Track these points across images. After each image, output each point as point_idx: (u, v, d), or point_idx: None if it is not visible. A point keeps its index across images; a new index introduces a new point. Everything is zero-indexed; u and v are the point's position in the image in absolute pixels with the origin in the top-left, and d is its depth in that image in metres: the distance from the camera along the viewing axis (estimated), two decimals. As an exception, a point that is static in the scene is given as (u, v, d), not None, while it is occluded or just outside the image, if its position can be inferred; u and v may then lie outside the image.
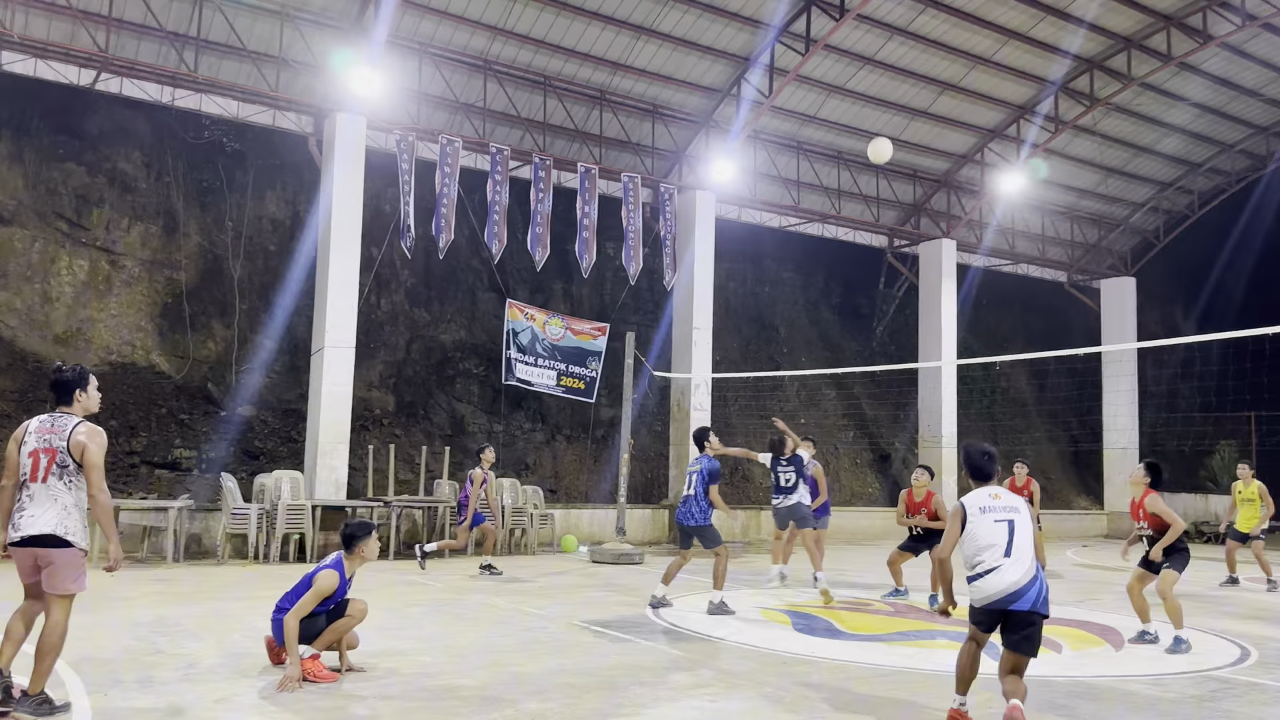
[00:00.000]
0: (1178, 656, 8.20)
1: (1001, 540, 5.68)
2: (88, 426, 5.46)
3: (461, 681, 6.54)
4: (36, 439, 5.41)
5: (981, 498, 5.88)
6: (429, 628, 8.62)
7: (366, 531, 6.78)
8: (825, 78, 19.45)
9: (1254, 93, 22.18)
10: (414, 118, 16.65)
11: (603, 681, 6.65)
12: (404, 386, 18.08)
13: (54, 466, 5.35)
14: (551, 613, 9.64)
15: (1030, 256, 25.39)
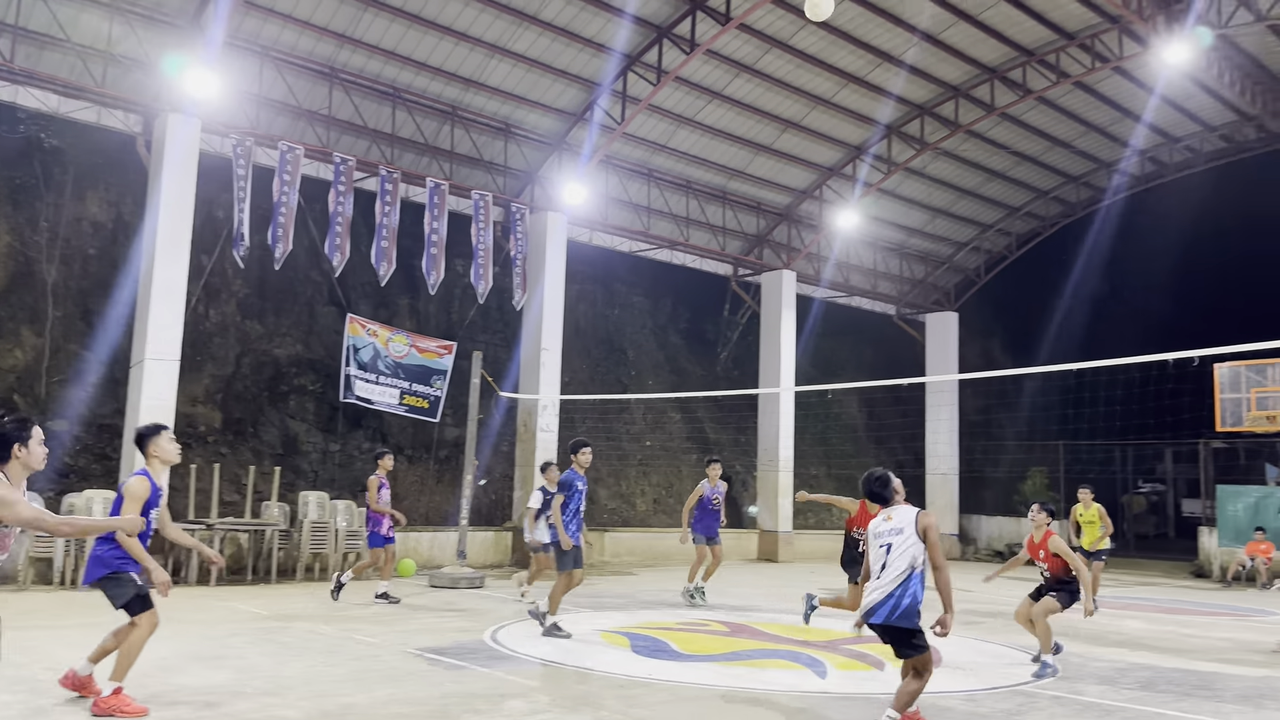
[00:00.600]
0: (990, 673, 8.68)
1: (877, 563, 6.21)
2: None
3: (285, 714, 6.25)
4: None
5: (878, 523, 6.33)
6: (251, 657, 8.20)
7: (154, 430, 6.58)
8: (676, 108, 19.87)
9: (1067, 144, 24.02)
10: (253, 122, 15.99)
11: (435, 711, 6.50)
12: (232, 402, 17.24)
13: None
14: (384, 640, 9.35)
15: (863, 290, 26.59)
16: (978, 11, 18.40)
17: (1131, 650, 10.20)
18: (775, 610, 12.75)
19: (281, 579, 14.22)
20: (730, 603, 13.42)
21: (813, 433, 26.23)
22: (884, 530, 6.25)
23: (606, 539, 20.05)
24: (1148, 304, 32.47)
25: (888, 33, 18.73)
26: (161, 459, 6.55)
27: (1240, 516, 20.61)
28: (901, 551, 6.12)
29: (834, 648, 9.73)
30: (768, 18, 17.82)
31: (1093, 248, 29.62)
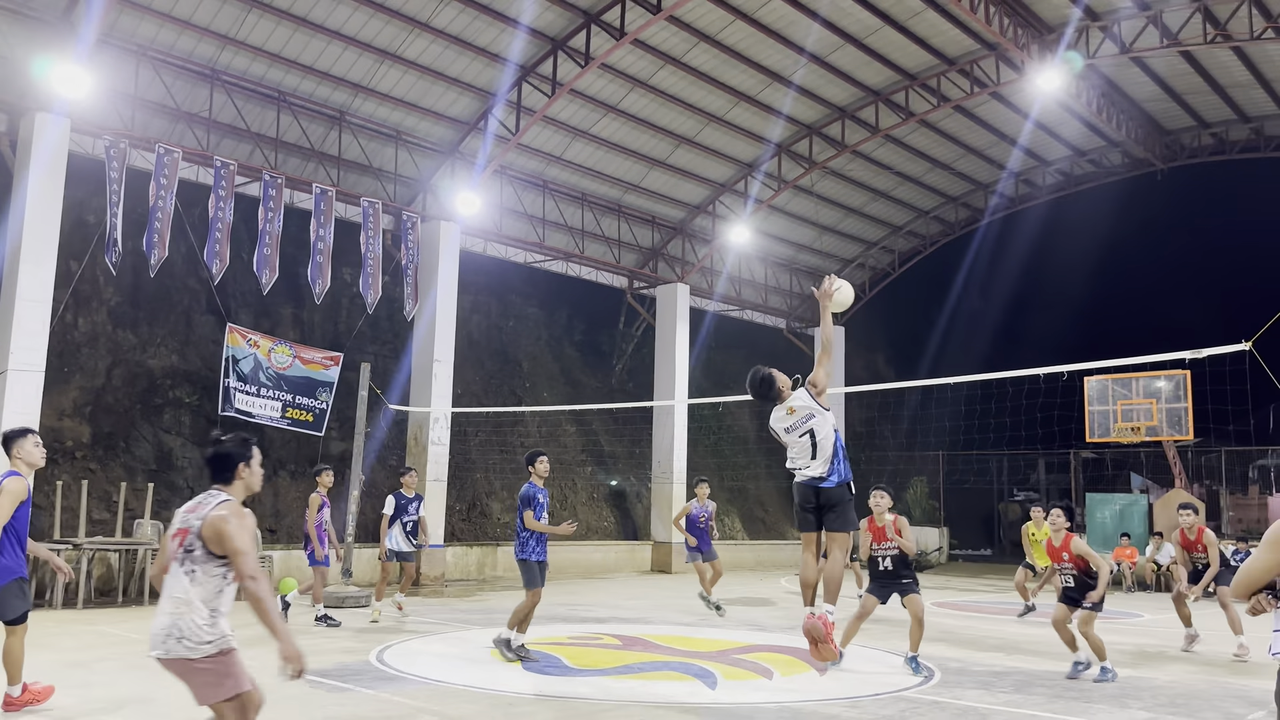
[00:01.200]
0: (874, 679, 8.89)
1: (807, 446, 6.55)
2: (231, 506, 4.40)
3: (153, 744, 5.95)
4: (180, 520, 4.44)
5: (783, 417, 6.64)
6: (122, 684, 7.79)
7: (21, 433, 6.46)
8: (571, 121, 19.87)
9: (947, 166, 24.97)
10: (128, 123, 15.30)
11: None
12: (102, 416, 16.40)
13: (180, 551, 4.35)
14: (262, 662, 8.98)
15: (755, 304, 27.06)
16: (863, 35, 18.98)
17: (1007, 654, 10.59)
18: (668, 622, 12.80)
19: (155, 600, 13.54)
20: (623, 615, 13.41)
21: (706, 444, 26.51)
22: (794, 423, 6.55)
23: (499, 553, 19.82)
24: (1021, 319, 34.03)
25: (777, 53, 19.15)
26: (27, 462, 6.50)
27: (1108, 523, 21.67)
28: (823, 434, 6.53)
29: (724, 658, 9.82)
30: (661, 34, 18.01)
31: (971, 266, 30.91)
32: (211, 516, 4.33)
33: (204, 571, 4.34)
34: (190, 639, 4.28)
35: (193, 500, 4.50)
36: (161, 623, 4.33)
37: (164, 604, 4.36)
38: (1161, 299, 34.01)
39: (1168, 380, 19.61)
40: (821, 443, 6.49)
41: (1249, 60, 20.00)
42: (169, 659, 4.31)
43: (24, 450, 6.44)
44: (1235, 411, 18.05)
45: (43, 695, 6.92)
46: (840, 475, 6.54)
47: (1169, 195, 28.85)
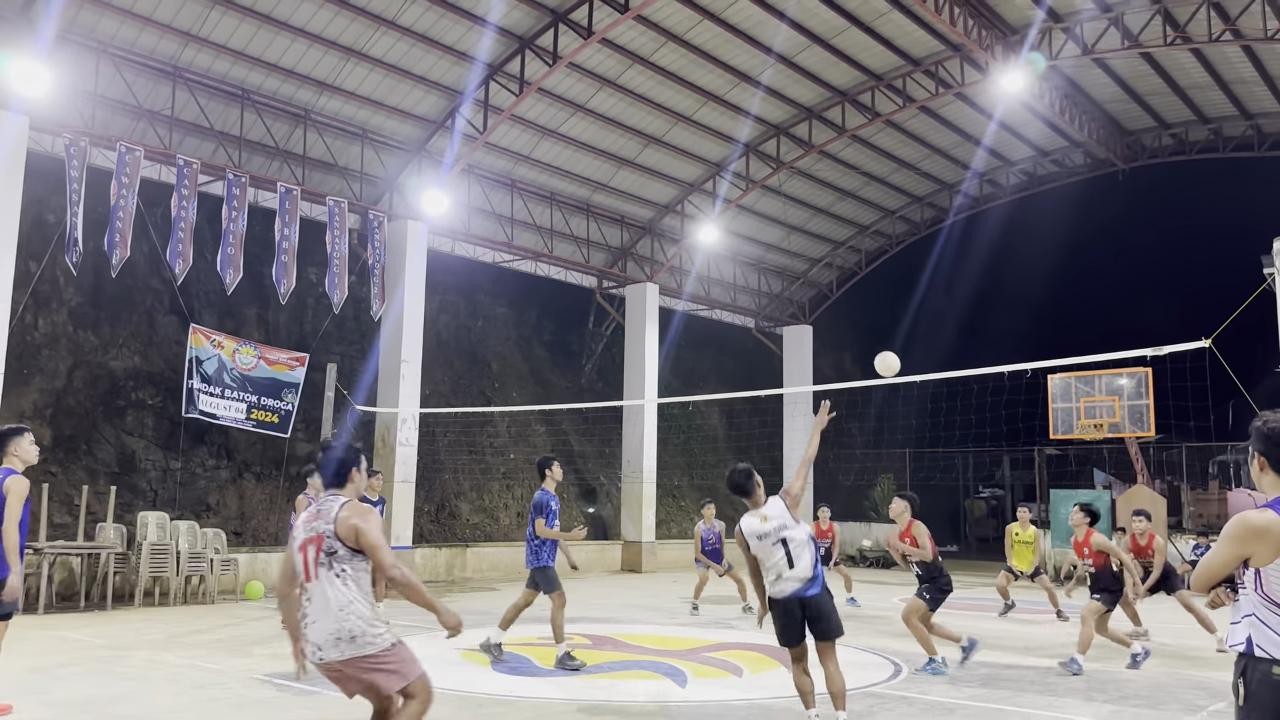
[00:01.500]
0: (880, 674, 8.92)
1: (781, 558, 6.39)
2: (355, 504, 4.70)
3: (117, 751, 5.87)
4: (304, 530, 4.68)
5: (756, 524, 6.48)
6: (83, 690, 7.67)
7: (17, 431, 6.58)
8: (539, 120, 19.82)
9: (912, 166, 25.18)
10: (88, 121, 15.06)
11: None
12: (63, 418, 16.13)
13: (321, 556, 4.59)
14: (229, 667, 8.90)
15: (723, 303, 27.14)
16: (830, 36, 19.09)
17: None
18: (638, 621, 12.81)
19: (118, 605, 13.38)
20: (593, 615, 13.40)
21: (675, 443, 26.55)
22: (769, 530, 6.44)
23: (469, 554, 19.73)
24: (986, 317, 34.41)
25: (745, 53, 19.21)
26: (22, 459, 6.57)
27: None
28: (798, 541, 6.42)
29: (694, 656, 9.84)
30: (629, 34, 18.00)
31: (937, 265, 31.20)
32: (341, 517, 4.59)
33: (353, 569, 4.60)
34: (362, 637, 4.49)
35: (309, 510, 4.75)
36: (326, 629, 4.49)
37: (318, 613, 4.54)
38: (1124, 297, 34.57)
39: (1130, 378, 19.89)
40: (797, 550, 6.40)
41: (1207, 62, 20.35)
42: (344, 661, 4.49)
43: (21, 448, 6.52)
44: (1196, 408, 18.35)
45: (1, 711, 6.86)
46: (822, 581, 6.51)
47: (1130, 195, 29.31)
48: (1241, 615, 3.46)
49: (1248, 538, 3.40)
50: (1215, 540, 3.58)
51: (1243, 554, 3.43)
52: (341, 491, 4.77)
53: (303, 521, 4.69)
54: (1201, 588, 3.63)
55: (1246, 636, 3.41)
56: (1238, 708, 3.43)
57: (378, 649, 4.51)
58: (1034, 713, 7.44)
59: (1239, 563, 3.46)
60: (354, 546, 4.57)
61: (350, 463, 4.83)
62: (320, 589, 4.55)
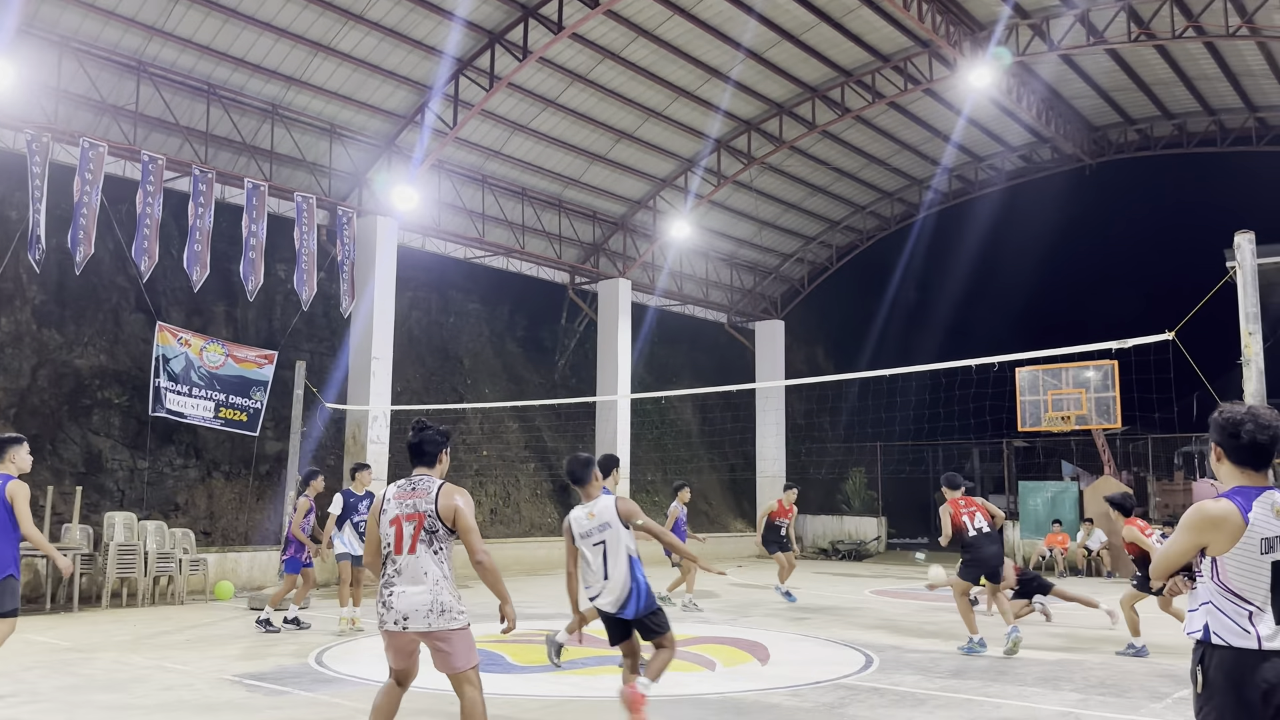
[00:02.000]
0: (814, 667, 9.00)
1: (598, 562, 6.23)
2: (451, 486, 5.09)
3: (82, 754, 5.80)
4: (397, 505, 5.04)
5: (582, 520, 6.34)
6: (46, 692, 7.57)
7: (16, 440, 6.89)
8: (510, 115, 19.74)
9: (882, 161, 25.32)
10: (50, 117, 14.83)
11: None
12: (27, 417, 15.89)
13: (421, 533, 4.96)
14: (199, 668, 8.82)
15: (696, 299, 27.18)
16: (799, 32, 19.15)
17: (944, 640, 10.80)
18: (610, 617, 12.80)
19: (85, 606, 13.22)
20: (567, 612, 13.37)
21: (649, 439, 26.57)
22: (592, 529, 6.26)
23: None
24: (956, 312, 34.71)
25: (716, 49, 19.23)
26: (19, 466, 6.89)
27: (1040, 510, 22.21)
28: (616, 548, 6.22)
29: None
30: (600, 29, 17.97)
31: (907, 260, 31.44)
32: (443, 496, 4.97)
33: (448, 549, 4.99)
34: (451, 611, 4.91)
35: (401, 485, 5.07)
36: (421, 600, 4.86)
37: (414, 585, 4.89)
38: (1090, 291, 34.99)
39: (1096, 370, 20.14)
40: (612, 557, 6.13)
41: (1171, 59, 20.62)
42: (430, 632, 4.88)
43: (19, 456, 6.88)
44: (1160, 400, 18.60)
45: None
46: (639, 606, 6.19)
47: (1097, 190, 29.72)
48: (1199, 603, 3.52)
49: (1205, 527, 3.46)
50: (1175, 529, 3.64)
51: (1200, 543, 3.49)
52: (431, 472, 5.13)
53: (394, 497, 5.01)
54: (1160, 576, 3.69)
55: (1204, 624, 3.47)
56: (1195, 695, 3.49)
57: (461, 624, 4.91)
58: (1003, 702, 7.53)
59: (1196, 551, 3.51)
60: (450, 526, 4.94)
61: (443, 443, 5.21)
62: (417, 563, 4.90)
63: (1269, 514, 3.41)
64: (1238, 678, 3.35)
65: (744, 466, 27.98)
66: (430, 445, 5.16)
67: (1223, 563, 3.43)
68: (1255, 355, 7.33)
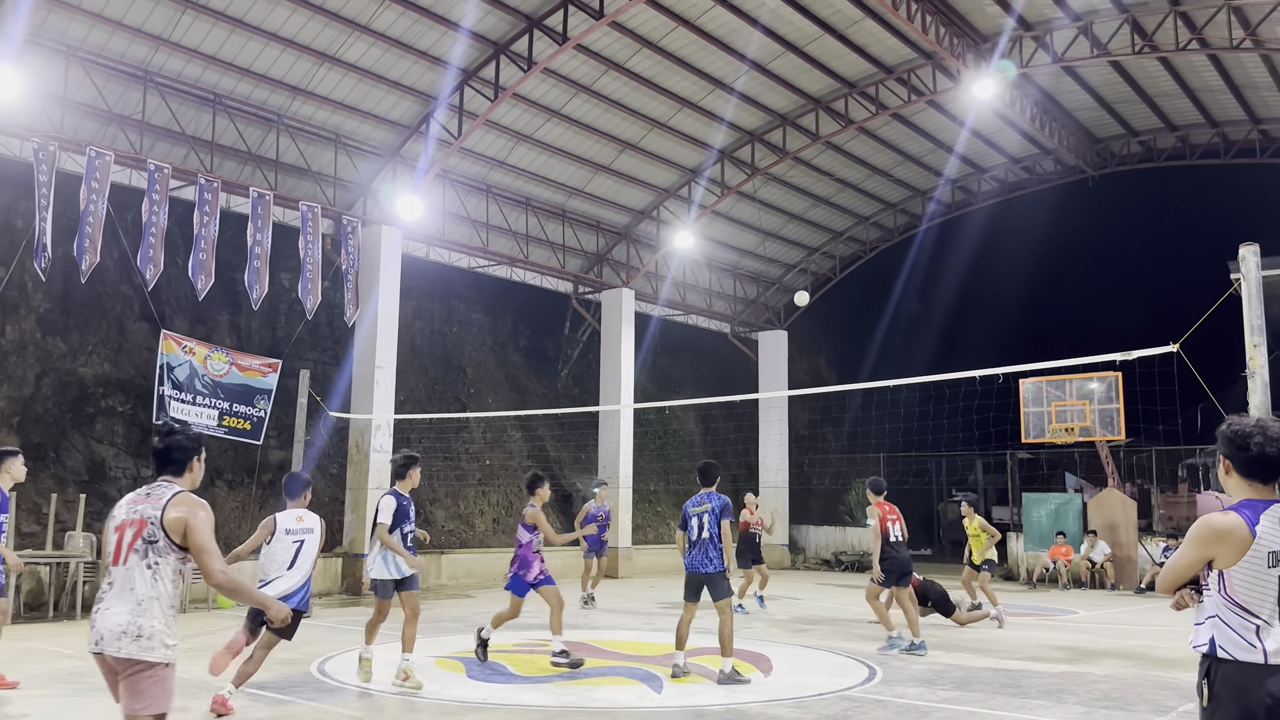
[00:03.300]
0: (818, 679, 8.97)
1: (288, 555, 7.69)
2: (188, 496, 4.33)
3: (85, 763, 5.78)
4: (126, 511, 4.33)
5: (290, 521, 7.84)
6: (49, 700, 7.57)
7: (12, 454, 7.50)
8: (514, 125, 19.80)
9: (885, 173, 25.36)
10: (57, 125, 14.89)
11: (255, 748, 6.16)
12: (31, 425, 15.91)
13: (138, 542, 4.20)
14: (200, 677, 8.80)
15: (699, 309, 27.20)
16: (803, 43, 19.20)
17: (948, 652, 10.77)
18: (613, 627, 12.80)
19: (88, 614, 13.20)
20: (568, 621, 13.35)
21: (652, 449, 26.56)
22: (297, 529, 7.71)
23: (444, 561, 19.63)
24: (959, 323, 34.70)
25: (720, 60, 19.29)
26: (13, 477, 7.40)
27: (1044, 522, 22.15)
28: (309, 551, 7.72)
29: (671, 662, 9.82)
30: (604, 39, 18.03)
31: (910, 271, 31.44)
32: (173, 506, 4.24)
33: (167, 566, 4.21)
34: (149, 639, 4.10)
35: (138, 492, 4.37)
36: (118, 619, 4.11)
37: (118, 600, 4.16)
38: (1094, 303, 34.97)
39: (1100, 382, 20.11)
40: (304, 557, 7.91)
41: (1175, 71, 20.65)
42: (120, 658, 4.09)
43: (14, 468, 7.36)
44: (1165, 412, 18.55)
45: None
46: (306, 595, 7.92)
47: (1100, 202, 29.69)
48: (1205, 616, 3.52)
49: (1212, 540, 3.46)
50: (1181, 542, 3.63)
51: (1207, 556, 3.48)
52: (177, 481, 4.42)
53: (126, 502, 4.37)
54: (1166, 589, 3.68)
55: (1210, 638, 3.47)
56: (1202, 708, 3.48)
57: (157, 659, 4.11)
58: (1007, 715, 7.51)
59: (1203, 565, 3.51)
60: (176, 541, 4.22)
61: (193, 450, 4.49)
62: (126, 575, 4.19)
63: (1277, 527, 3.40)
64: (1243, 692, 3.35)
65: (747, 477, 27.91)
66: (178, 452, 4.44)
67: (1230, 576, 3.42)
68: (1260, 367, 7.32)
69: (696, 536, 8.82)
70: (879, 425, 23.15)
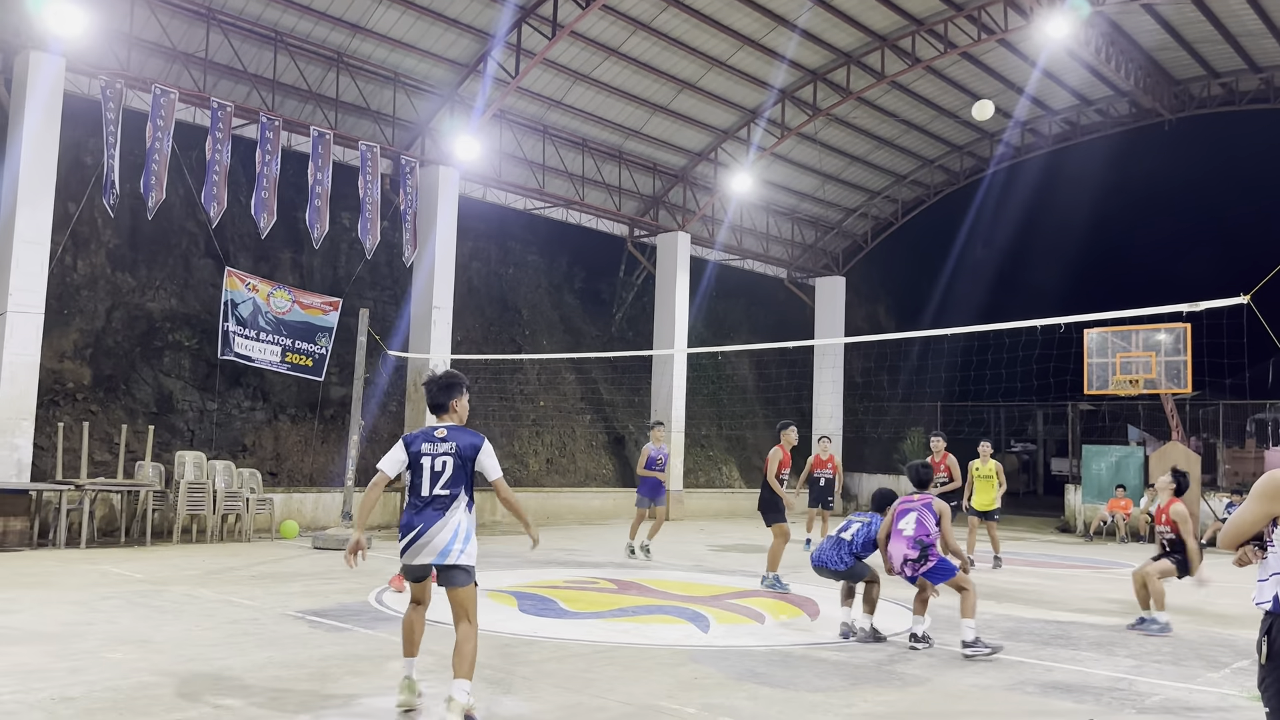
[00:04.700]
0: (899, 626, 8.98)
1: None
2: None
3: (154, 679, 6.05)
4: None
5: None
6: (123, 621, 7.91)
7: None
8: (571, 64, 19.61)
9: (953, 114, 24.68)
10: (123, 63, 15.12)
11: (314, 673, 6.39)
12: (103, 358, 16.43)
13: None
14: (263, 603, 9.13)
15: (756, 253, 26.94)
16: (871, -21, 18.65)
17: (998, 602, 10.71)
18: (663, 568, 12.95)
19: (157, 541, 13.74)
20: (619, 560, 13.56)
21: (705, 394, 26.58)
22: None
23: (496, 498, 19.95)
24: (1023, 271, 33.91)
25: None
26: None
27: (1103, 475, 21.80)
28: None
29: (718, 603, 9.95)
30: (665, -24, 17.69)
31: (974, 216, 30.68)
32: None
33: None
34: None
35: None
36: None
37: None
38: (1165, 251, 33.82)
39: (1168, 333, 19.58)
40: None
41: (1260, 7, 19.67)
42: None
43: None
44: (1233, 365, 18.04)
45: None
46: None
47: (1176, 146, 28.59)
48: (1269, 573, 3.44)
49: (1276, 495, 3.37)
50: (1245, 498, 3.54)
51: (1271, 512, 3.40)
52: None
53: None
54: (1229, 545, 3.60)
55: (1273, 595, 3.39)
56: (1260, 665, 3.42)
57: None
58: (1055, 665, 7.47)
59: (1267, 521, 3.43)
60: None
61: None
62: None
63: None
64: (1304, 649, 3.28)
65: (799, 424, 27.82)
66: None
67: (1293, 532, 3.33)
68: (1337, 320, 7.05)
69: None
70: (935, 374, 22.85)
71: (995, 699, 6.36)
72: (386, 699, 5.82)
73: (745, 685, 6.45)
